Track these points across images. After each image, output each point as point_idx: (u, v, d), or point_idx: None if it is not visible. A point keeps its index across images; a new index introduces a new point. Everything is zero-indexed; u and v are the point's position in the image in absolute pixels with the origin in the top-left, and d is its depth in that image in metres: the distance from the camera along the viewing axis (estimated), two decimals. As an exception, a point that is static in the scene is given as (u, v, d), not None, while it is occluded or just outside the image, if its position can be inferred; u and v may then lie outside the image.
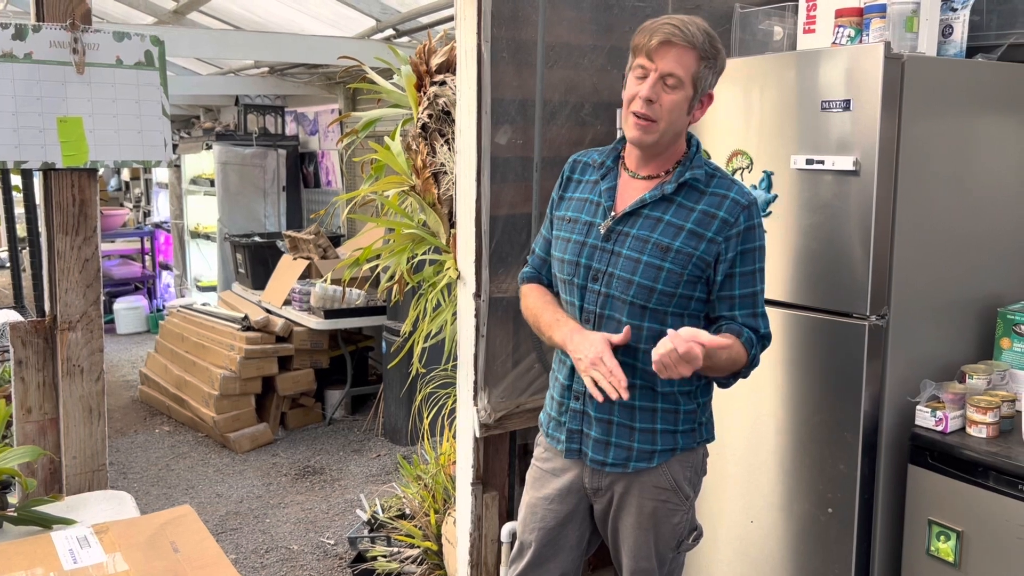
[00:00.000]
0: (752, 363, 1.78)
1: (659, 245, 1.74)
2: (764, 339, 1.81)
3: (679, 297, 1.76)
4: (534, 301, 1.96)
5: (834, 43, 2.21)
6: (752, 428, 2.30)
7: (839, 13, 2.21)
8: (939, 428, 2.03)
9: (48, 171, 1.97)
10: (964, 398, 2.05)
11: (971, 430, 2.02)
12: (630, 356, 1.79)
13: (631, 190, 1.82)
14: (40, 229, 2.07)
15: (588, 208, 1.86)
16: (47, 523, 1.71)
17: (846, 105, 2.02)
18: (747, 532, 2.34)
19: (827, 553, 2.15)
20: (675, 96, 1.71)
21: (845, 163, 2.02)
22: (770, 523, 2.28)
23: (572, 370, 1.86)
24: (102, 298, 2.07)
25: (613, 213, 1.81)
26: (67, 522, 1.73)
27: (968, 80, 2.17)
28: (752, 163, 2.25)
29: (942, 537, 2.01)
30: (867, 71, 1.98)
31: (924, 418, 2.06)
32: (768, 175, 2.21)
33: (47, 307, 2.04)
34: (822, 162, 2.07)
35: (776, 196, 2.19)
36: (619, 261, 1.77)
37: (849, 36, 2.18)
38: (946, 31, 2.25)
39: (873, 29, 2.13)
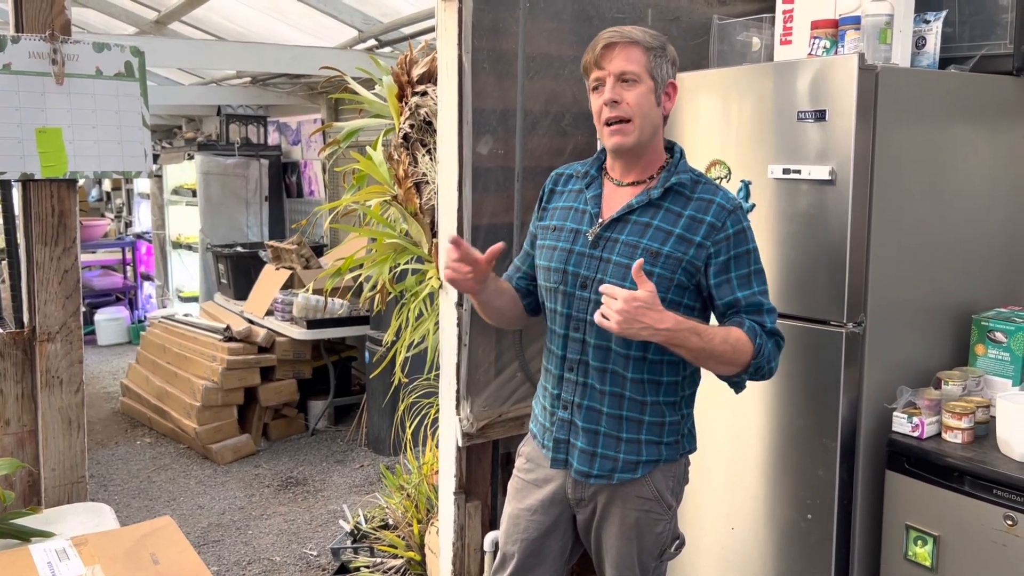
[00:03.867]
0: (759, 352, 1.71)
1: (649, 250, 1.75)
2: (773, 335, 1.76)
3: (668, 303, 1.75)
4: None
5: (810, 54, 2.24)
6: (732, 435, 2.32)
7: (815, 25, 2.24)
8: (915, 434, 2.05)
9: (27, 182, 1.96)
10: (940, 404, 2.07)
11: (947, 436, 2.04)
12: (620, 365, 1.80)
13: (617, 197, 1.83)
14: (19, 240, 2.06)
15: (573, 216, 1.87)
16: (25, 536, 1.70)
17: (822, 115, 2.05)
18: (728, 539, 2.36)
19: (807, 558, 2.17)
20: (637, 90, 1.74)
21: (821, 172, 2.05)
22: (751, 530, 2.30)
23: (560, 379, 1.87)
24: (82, 309, 2.06)
25: (600, 220, 1.82)
26: (46, 535, 1.72)
27: (941, 91, 2.21)
28: (730, 173, 2.27)
29: (919, 542, 2.03)
30: (842, 82, 2.00)
31: (901, 424, 2.08)
32: (746, 184, 2.23)
33: (26, 318, 2.03)
34: (799, 172, 2.10)
35: (754, 205, 2.21)
36: (609, 268, 1.77)
37: (825, 47, 2.21)
38: (919, 43, 2.29)
39: (848, 40, 2.16)
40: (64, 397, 2.03)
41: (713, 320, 1.84)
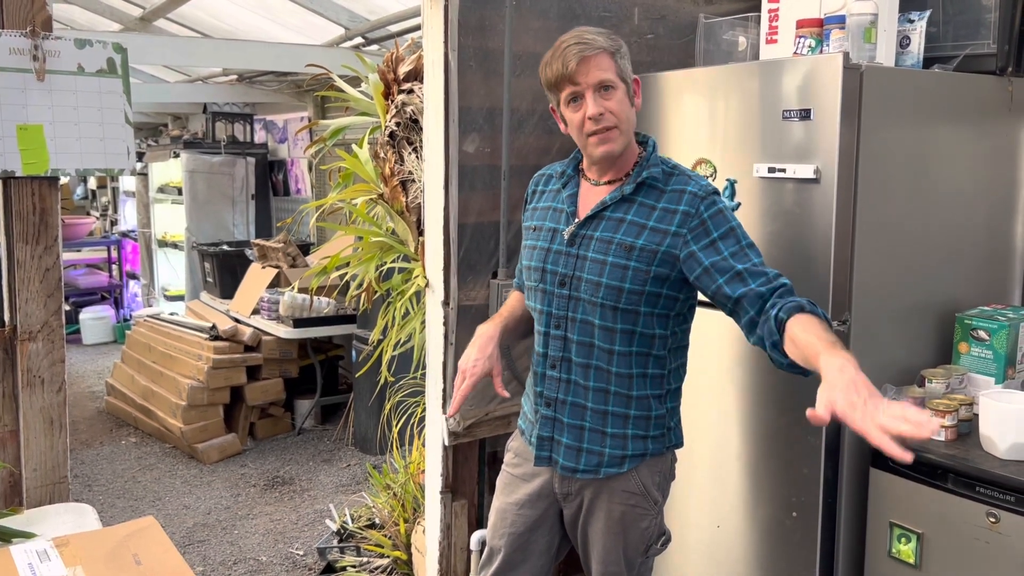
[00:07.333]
0: (820, 314, 1.64)
1: (623, 245, 1.76)
2: (792, 289, 1.71)
3: (648, 295, 1.76)
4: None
5: (795, 53, 2.25)
6: (718, 433, 2.32)
7: (800, 24, 2.24)
8: (900, 431, 2.06)
9: (8, 179, 1.94)
10: (924, 402, 2.08)
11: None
12: (604, 361, 1.80)
13: (592, 195, 1.85)
14: None
15: (552, 215, 1.89)
16: (6, 537, 1.69)
17: (807, 114, 2.05)
18: (714, 536, 2.36)
19: (792, 556, 2.18)
20: (616, 97, 1.76)
21: (806, 171, 2.05)
22: (736, 527, 2.30)
23: (542, 376, 1.87)
24: (64, 308, 2.04)
25: (576, 218, 1.84)
26: (27, 536, 1.70)
27: (925, 90, 2.22)
28: (716, 171, 2.27)
29: (903, 539, 2.04)
30: (827, 81, 2.01)
31: (885, 422, 2.08)
32: (731, 183, 2.23)
33: (7, 317, 2.01)
34: (783, 170, 2.10)
35: (739, 204, 2.22)
36: (585, 264, 1.79)
37: (810, 46, 2.21)
38: (904, 42, 2.30)
39: (833, 40, 2.17)
40: (46, 397, 2.01)
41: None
